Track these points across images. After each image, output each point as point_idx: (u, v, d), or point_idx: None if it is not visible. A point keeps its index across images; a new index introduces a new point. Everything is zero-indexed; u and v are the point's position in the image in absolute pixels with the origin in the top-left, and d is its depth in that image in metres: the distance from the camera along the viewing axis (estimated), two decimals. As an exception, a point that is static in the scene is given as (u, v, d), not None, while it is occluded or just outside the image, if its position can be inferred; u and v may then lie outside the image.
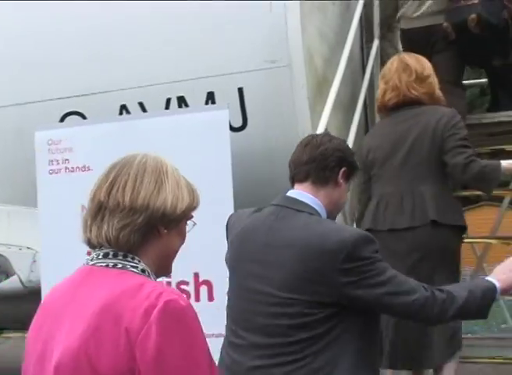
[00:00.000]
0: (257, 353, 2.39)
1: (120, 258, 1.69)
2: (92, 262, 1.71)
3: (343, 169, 2.60)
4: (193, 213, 1.85)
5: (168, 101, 4.91)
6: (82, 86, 5.08)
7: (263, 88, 4.70)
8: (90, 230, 1.72)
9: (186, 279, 4.27)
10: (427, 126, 3.56)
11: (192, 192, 1.81)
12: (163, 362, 1.51)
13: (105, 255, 1.69)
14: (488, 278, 2.48)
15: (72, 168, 4.59)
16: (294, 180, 2.67)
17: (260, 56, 4.69)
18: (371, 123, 5.52)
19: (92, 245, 1.74)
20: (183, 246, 1.88)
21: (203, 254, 4.24)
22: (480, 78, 7.94)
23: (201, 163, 4.32)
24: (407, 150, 3.62)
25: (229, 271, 2.69)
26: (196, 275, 4.27)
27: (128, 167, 1.75)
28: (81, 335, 1.57)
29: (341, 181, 2.60)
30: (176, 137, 4.34)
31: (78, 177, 4.50)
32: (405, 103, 3.71)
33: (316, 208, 2.53)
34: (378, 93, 3.99)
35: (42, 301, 1.80)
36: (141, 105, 4.96)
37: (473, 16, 4.90)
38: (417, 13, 5.12)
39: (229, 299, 2.67)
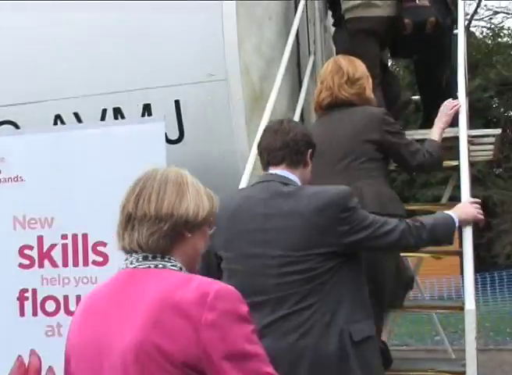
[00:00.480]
0: (269, 309, 2.74)
1: (159, 259, 1.89)
2: (132, 265, 1.90)
3: (309, 151, 3.02)
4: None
5: (104, 112, 4.88)
6: (15, 95, 5.00)
7: (200, 101, 4.72)
8: (123, 239, 1.93)
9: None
10: (358, 125, 3.72)
11: (211, 199, 2.01)
12: (227, 340, 1.72)
13: (145, 258, 1.90)
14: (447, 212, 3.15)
15: (4, 179, 4.50)
16: (269, 164, 3.02)
17: (197, 69, 4.71)
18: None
19: (126, 252, 1.94)
20: (117, 258, 1.95)
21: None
22: (415, 95, 8.14)
23: (136, 175, 4.30)
24: (337, 148, 3.75)
25: (227, 251, 2.94)
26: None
27: (152, 180, 1.97)
28: (143, 328, 1.74)
29: (309, 161, 3.03)
30: (111, 149, 4.31)
31: (10, 188, 4.42)
32: (337, 103, 3.86)
33: (298, 183, 2.95)
34: (315, 92, 4.11)
35: (82, 307, 1.97)
36: (76, 115, 4.91)
37: (432, 19, 5.24)
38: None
39: (229, 277, 2.87)
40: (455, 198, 4.87)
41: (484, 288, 16.18)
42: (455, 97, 4.43)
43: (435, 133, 4.08)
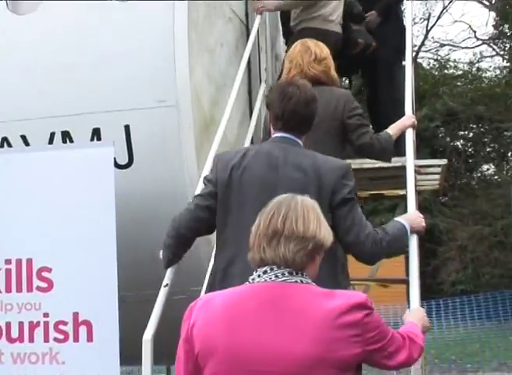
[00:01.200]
0: None
1: (300, 275, 2.21)
2: (280, 280, 2.18)
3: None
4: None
5: (52, 135, 4.81)
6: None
7: (150, 127, 4.70)
8: (265, 251, 2.21)
9: (64, 319, 4.15)
10: (328, 104, 3.88)
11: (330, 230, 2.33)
12: (381, 341, 2.22)
13: (290, 273, 2.19)
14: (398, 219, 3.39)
15: None
16: (283, 126, 3.29)
17: (148, 95, 4.70)
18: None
19: (264, 263, 2.21)
20: (62, 284, 1.93)
21: (83, 293, 4.15)
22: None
23: (84, 201, 4.26)
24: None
25: (233, 201, 3.21)
26: (75, 314, 4.15)
27: (294, 204, 2.26)
28: (314, 345, 2.10)
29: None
30: (59, 173, 4.27)
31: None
32: (306, 80, 3.92)
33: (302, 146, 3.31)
34: (284, 72, 4.27)
35: (220, 314, 2.19)
36: (24, 138, 4.83)
37: (374, 43, 5.81)
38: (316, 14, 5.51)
39: (224, 229, 3.22)
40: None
41: (430, 315, 16.35)
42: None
43: (394, 129, 4.18)
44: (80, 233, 4.27)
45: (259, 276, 2.21)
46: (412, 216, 3.46)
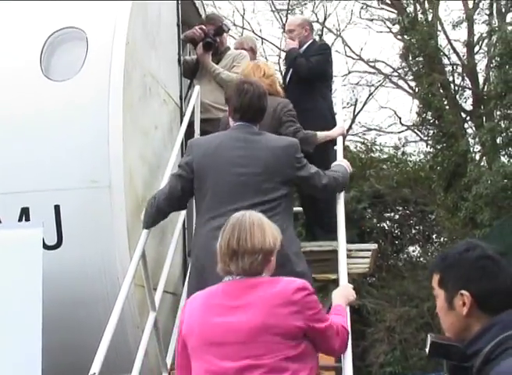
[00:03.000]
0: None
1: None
2: (239, 277, 2.97)
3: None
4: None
5: (-21, 214, 4.69)
6: None
7: (81, 207, 4.63)
8: (229, 265, 2.97)
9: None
10: (270, 106, 4.49)
11: (277, 230, 3.08)
12: (322, 322, 2.96)
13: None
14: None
15: None
16: (243, 118, 4.05)
17: (80, 175, 4.65)
18: (188, 244, 5.56)
19: (230, 273, 2.97)
20: None
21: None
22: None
23: (10, 283, 4.12)
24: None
25: (209, 173, 3.93)
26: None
27: (244, 224, 2.99)
28: (263, 317, 2.84)
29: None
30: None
31: None
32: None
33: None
34: None
35: (196, 305, 3.03)
36: (-51, 217, 4.68)
37: None
38: None
39: (205, 192, 3.93)
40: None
41: (358, 398, 16.23)
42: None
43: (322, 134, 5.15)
44: (4, 317, 4.11)
45: (228, 279, 2.99)
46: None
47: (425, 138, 20.01)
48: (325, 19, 21.60)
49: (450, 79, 18.49)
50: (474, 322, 2.21)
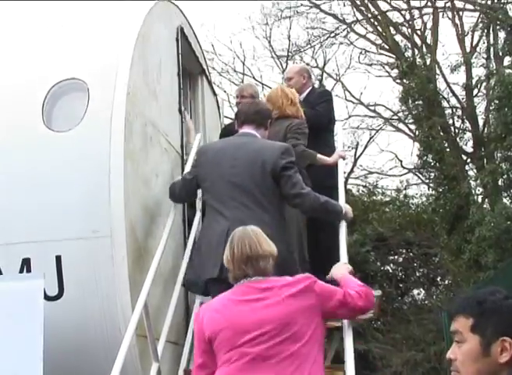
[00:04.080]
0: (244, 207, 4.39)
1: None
2: (254, 279, 3.53)
3: (269, 120, 4.88)
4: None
5: (-20, 265, 4.67)
6: None
7: (83, 257, 4.61)
8: (245, 270, 3.52)
9: None
10: (284, 126, 5.45)
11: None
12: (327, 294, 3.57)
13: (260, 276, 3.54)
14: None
15: None
16: (244, 123, 4.77)
17: (81, 225, 4.64)
18: (190, 297, 5.53)
19: (245, 277, 3.53)
20: None
21: None
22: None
23: (11, 335, 4.09)
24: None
25: (210, 177, 4.55)
26: None
27: (249, 235, 3.59)
28: (286, 305, 3.43)
29: (268, 127, 4.87)
30: (-15, 307, 4.10)
31: None
32: (280, 116, 5.52)
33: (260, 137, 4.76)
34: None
35: (221, 309, 3.51)
36: (-51, 268, 4.66)
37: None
38: None
39: (209, 190, 4.58)
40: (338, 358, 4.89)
41: None
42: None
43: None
44: (5, 368, 4.07)
45: (242, 282, 3.50)
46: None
47: (427, 181, 20.02)
48: (325, 64, 21.84)
49: (450, 121, 18.56)
50: (504, 369, 2.19)
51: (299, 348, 3.35)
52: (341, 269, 4.06)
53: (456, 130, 18.66)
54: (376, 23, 19.67)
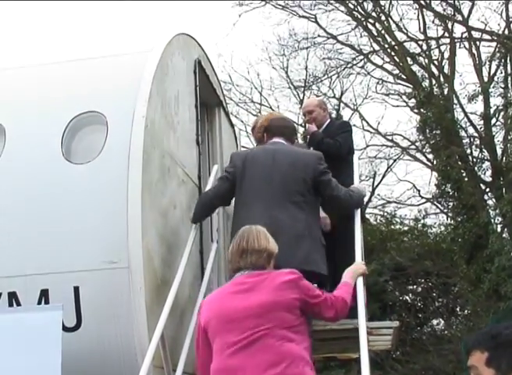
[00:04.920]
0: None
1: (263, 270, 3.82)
2: (247, 272, 3.80)
3: (295, 136, 5.47)
4: None
5: (-2, 296, 4.71)
6: None
7: (100, 288, 4.64)
8: (239, 262, 3.82)
9: None
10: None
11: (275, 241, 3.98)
12: (316, 298, 3.81)
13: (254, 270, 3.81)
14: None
15: None
16: (274, 135, 5.18)
17: (99, 256, 4.67)
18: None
19: (239, 269, 3.81)
20: None
21: None
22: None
23: (29, 366, 4.10)
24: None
25: (248, 175, 4.91)
26: None
27: (251, 231, 3.90)
28: (271, 295, 3.66)
29: (294, 140, 5.38)
30: (3, 338, 4.13)
31: None
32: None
33: None
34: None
35: (215, 299, 3.85)
36: (-32, 299, 4.70)
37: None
38: None
39: (245, 188, 4.89)
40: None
41: None
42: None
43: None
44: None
45: (238, 274, 3.79)
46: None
47: (445, 210, 19.93)
48: (342, 94, 21.93)
49: (468, 151, 18.53)
50: None
51: (284, 334, 3.58)
52: (352, 271, 4.29)
53: (475, 160, 18.61)
54: (393, 54, 19.75)
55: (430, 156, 19.86)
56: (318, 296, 3.80)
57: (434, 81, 19.23)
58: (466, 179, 17.77)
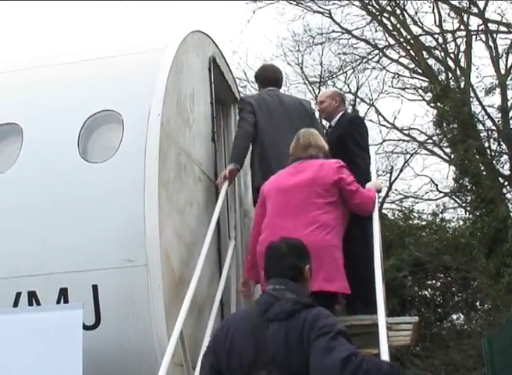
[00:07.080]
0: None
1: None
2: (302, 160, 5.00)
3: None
4: None
5: (18, 295, 4.73)
6: None
7: (119, 286, 4.65)
8: (302, 154, 4.97)
9: None
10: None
11: None
12: (348, 179, 4.90)
13: None
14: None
15: None
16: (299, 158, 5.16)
17: (117, 254, 4.68)
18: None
19: (299, 159, 4.95)
20: None
21: None
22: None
23: (51, 365, 4.12)
24: None
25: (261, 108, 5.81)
26: None
27: (309, 132, 5.07)
28: (315, 173, 4.84)
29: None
30: (25, 337, 4.15)
31: None
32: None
33: None
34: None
35: (273, 179, 5.00)
36: (-12, 298, 4.73)
37: None
38: None
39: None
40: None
41: None
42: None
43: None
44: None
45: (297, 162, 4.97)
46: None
47: (464, 204, 19.80)
48: (358, 89, 21.85)
49: (486, 144, 18.39)
50: None
51: (320, 205, 4.62)
52: (372, 184, 5.25)
53: (493, 153, 18.47)
54: (409, 48, 19.64)
55: (447, 150, 19.74)
56: (353, 184, 4.80)
57: (450, 75, 19.11)
58: (484, 173, 17.63)
